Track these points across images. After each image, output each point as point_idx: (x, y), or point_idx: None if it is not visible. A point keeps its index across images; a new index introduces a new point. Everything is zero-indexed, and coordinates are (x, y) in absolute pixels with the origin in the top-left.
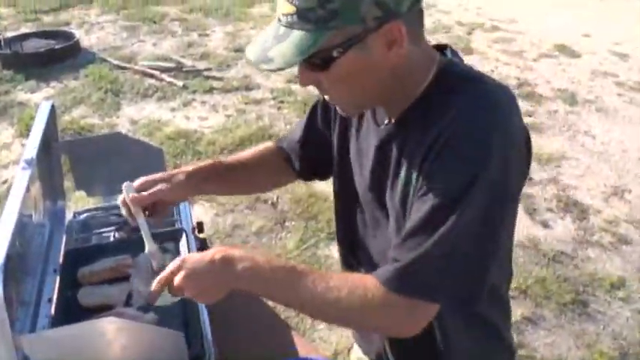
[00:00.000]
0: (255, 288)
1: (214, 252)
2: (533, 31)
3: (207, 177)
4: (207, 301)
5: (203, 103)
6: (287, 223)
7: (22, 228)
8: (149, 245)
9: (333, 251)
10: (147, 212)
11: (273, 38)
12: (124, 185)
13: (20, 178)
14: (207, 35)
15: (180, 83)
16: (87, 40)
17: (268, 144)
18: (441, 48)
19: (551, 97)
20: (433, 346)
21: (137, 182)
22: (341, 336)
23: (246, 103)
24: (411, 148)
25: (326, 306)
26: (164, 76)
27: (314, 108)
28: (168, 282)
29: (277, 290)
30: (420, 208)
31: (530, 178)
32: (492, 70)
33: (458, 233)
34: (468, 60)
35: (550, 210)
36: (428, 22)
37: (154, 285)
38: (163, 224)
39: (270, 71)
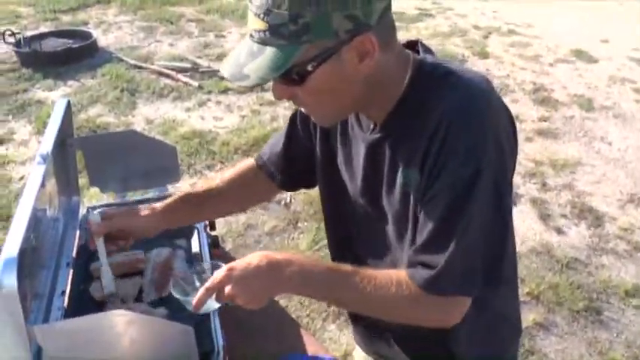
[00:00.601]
0: (302, 290)
1: (259, 258)
2: (550, 36)
3: (175, 208)
4: (256, 307)
5: (218, 103)
6: (300, 224)
7: (36, 222)
8: (104, 272)
9: None
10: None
11: (247, 55)
12: (90, 216)
13: (35, 173)
14: (223, 36)
15: (195, 83)
16: (104, 39)
17: (249, 161)
18: (413, 45)
19: (568, 102)
20: (439, 332)
21: (105, 211)
22: (351, 337)
23: (260, 104)
24: (403, 150)
25: (373, 305)
26: (180, 76)
27: (293, 118)
28: (215, 291)
29: (325, 291)
30: (434, 210)
31: (545, 184)
32: (508, 75)
33: (476, 226)
34: (484, 64)
35: (564, 216)
36: (444, 25)
37: (200, 293)
38: None
39: (246, 87)
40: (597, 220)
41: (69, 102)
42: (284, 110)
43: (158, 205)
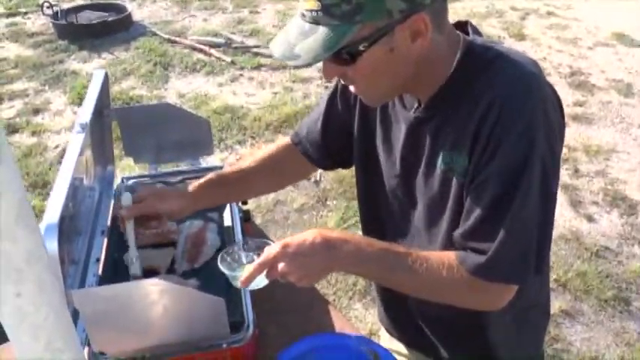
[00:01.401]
0: (357, 269)
1: (313, 235)
2: (590, 18)
3: (207, 190)
4: (308, 284)
5: (250, 79)
6: (329, 202)
7: (74, 190)
8: (131, 253)
9: None
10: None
11: (298, 34)
12: (122, 197)
13: (75, 141)
14: (257, 12)
15: (228, 59)
16: (139, 13)
17: (282, 140)
18: (462, 25)
19: (605, 87)
20: (473, 318)
21: (135, 195)
22: (376, 316)
23: (293, 81)
24: (448, 132)
25: (425, 286)
26: (213, 51)
27: (333, 94)
28: (268, 266)
29: (379, 271)
30: (483, 196)
31: (577, 170)
32: (544, 58)
33: (526, 213)
34: (520, 46)
35: (596, 204)
36: (481, 6)
37: (253, 268)
38: None
39: (297, 67)
40: (631, 209)
41: (106, 73)
42: (316, 88)
43: (190, 187)
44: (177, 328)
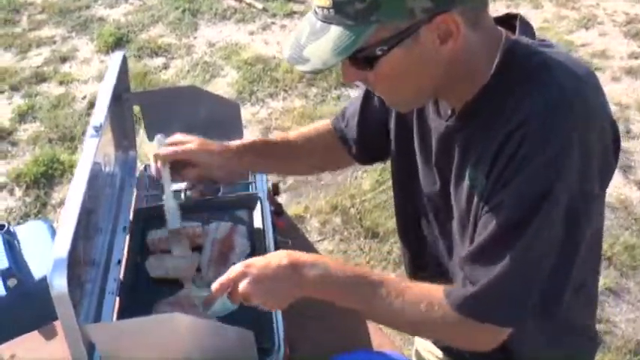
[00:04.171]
0: (325, 295)
1: (279, 257)
2: None
3: (249, 152)
4: (275, 308)
5: (283, 27)
6: None
7: (93, 179)
8: (168, 202)
9: None
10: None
11: (309, 34)
12: (156, 137)
13: (88, 147)
14: None
15: (260, 5)
16: None
17: (325, 123)
18: (510, 19)
19: None
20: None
21: (171, 137)
22: None
23: None
24: (475, 146)
25: (400, 321)
26: None
27: (368, 90)
28: (228, 287)
29: (349, 299)
30: (491, 222)
31: (629, 131)
32: (597, 4)
33: (534, 253)
34: None
35: None
36: None
37: (213, 288)
38: (238, 187)
39: (306, 73)
40: None
41: (124, 56)
42: None
43: (231, 143)
44: None
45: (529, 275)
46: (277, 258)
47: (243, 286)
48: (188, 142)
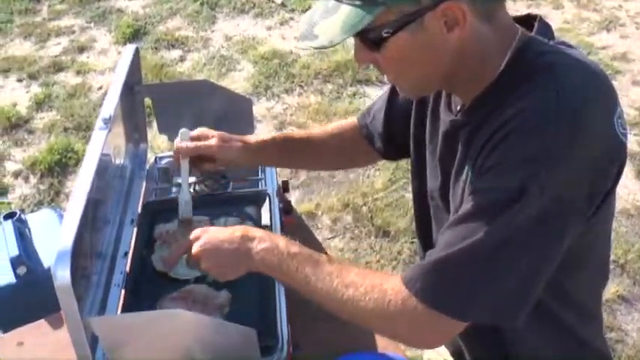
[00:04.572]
0: (269, 269)
1: (235, 229)
2: None
3: (271, 147)
4: (223, 277)
5: None
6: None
7: (102, 169)
8: (183, 194)
9: None
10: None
11: (322, 12)
12: (181, 131)
13: (96, 140)
14: None
15: (278, 0)
16: None
17: (351, 120)
18: (530, 20)
19: None
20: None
21: (195, 131)
22: None
23: None
24: (476, 143)
25: (340, 303)
26: None
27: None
28: (186, 250)
29: (291, 276)
30: (463, 208)
31: None
32: (620, 5)
33: (500, 244)
34: None
35: None
36: None
37: (172, 249)
38: (248, 184)
39: (315, 49)
40: None
41: (137, 49)
42: None
43: (252, 139)
44: (204, 358)
45: (488, 265)
46: (233, 229)
47: (195, 247)
48: (210, 136)
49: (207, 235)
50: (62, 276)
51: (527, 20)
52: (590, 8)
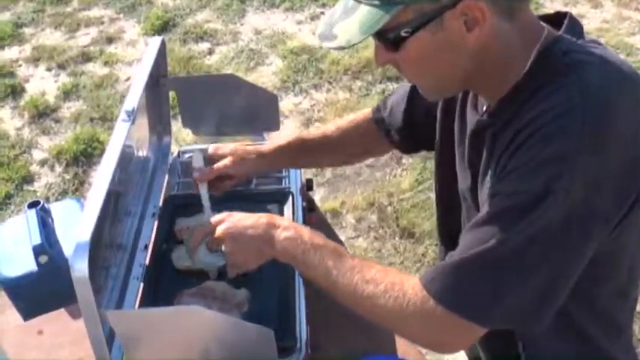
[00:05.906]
0: (291, 259)
1: (261, 215)
2: None
3: (286, 152)
4: (244, 264)
5: None
6: (404, 160)
7: (125, 161)
8: (206, 215)
9: None
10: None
11: (341, 12)
12: (194, 154)
13: (118, 131)
14: None
15: None
16: None
17: (363, 113)
18: (560, 18)
19: None
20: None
21: (210, 149)
22: None
23: None
24: (500, 144)
25: (359, 298)
26: None
27: None
28: (209, 233)
29: (312, 267)
30: (487, 208)
31: None
32: None
33: (523, 246)
34: None
35: None
36: None
37: (196, 232)
38: (272, 181)
39: (334, 49)
40: None
41: (163, 40)
42: None
43: (266, 148)
44: (221, 356)
45: (505, 268)
46: (258, 215)
47: (219, 229)
48: (223, 155)
49: (231, 219)
50: (80, 268)
51: (557, 18)
52: (631, 7)
